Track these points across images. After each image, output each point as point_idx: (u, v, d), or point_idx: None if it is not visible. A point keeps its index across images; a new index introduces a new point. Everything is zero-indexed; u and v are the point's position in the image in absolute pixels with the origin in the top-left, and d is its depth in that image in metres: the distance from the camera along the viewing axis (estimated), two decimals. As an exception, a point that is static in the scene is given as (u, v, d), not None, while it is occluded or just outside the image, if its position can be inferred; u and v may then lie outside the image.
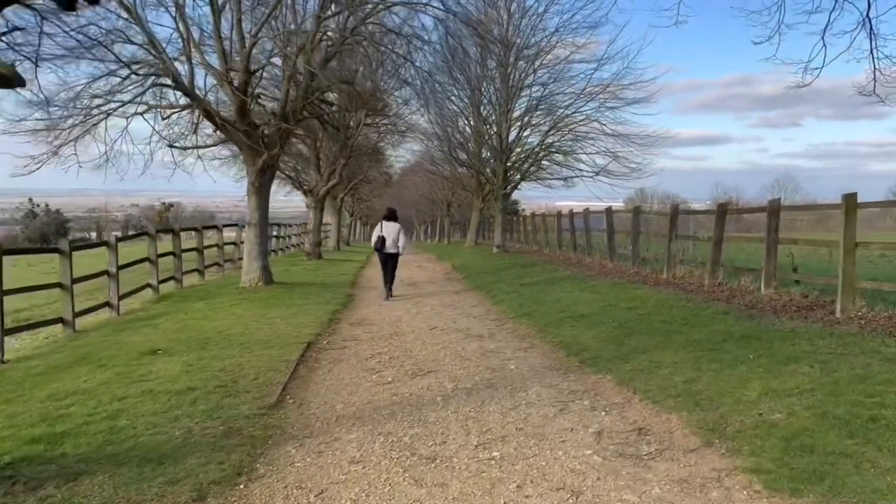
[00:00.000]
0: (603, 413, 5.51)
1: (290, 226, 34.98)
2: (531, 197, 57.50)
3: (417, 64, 15.90)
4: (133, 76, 11.88)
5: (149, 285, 14.34)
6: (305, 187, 26.30)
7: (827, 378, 5.67)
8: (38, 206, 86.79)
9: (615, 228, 18.43)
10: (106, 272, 12.28)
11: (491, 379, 6.72)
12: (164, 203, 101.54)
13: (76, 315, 10.86)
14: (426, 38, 15.68)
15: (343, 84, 15.54)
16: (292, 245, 33.25)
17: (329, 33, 14.75)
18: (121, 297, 12.68)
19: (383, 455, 4.68)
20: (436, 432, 5.14)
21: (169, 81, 12.58)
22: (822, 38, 8.32)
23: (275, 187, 33.61)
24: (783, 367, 6.16)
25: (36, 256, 28.33)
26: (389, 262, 13.92)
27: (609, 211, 18.10)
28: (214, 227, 21.33)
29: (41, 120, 11.47)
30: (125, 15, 12.05)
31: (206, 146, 14.17)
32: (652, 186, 36.51)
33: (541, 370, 7.08)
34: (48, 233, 71.44)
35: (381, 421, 5.45)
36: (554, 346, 8.23)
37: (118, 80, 11.82)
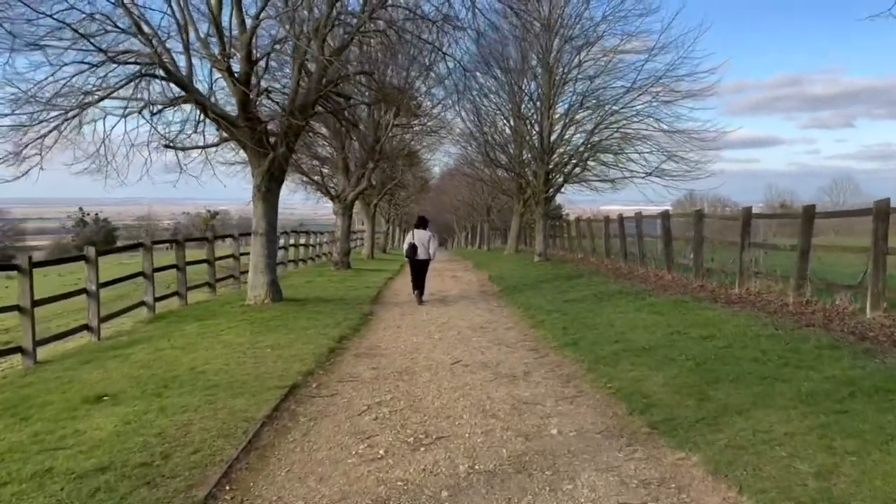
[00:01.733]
0: (696, 534, 3.51)
1: (321, 233, 33.42)
2: (575, 201, 54.98)
3: (450, 54, 14.00)
4: (111, 64, 10.26)
5: (143, 303, 12.76)
6: (333, 192, 24.63)
7: None
8: (87, 215, 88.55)
9: (673, 235, 16.25)
10: (84, 290, 10.71)
11: (523, 455, 4.76)
12: (209, 211, 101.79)
13: (40, 343, 9.28)
14: (458, 23, 13.74)
15: (362, 75, 13.77)
16: (323, 254, 31.68)
17: (343, 17, 13.00)
18: (105, 319, 11.13)
19: None
20: (430, 571, 3.22)
21: (158, 72, 10.96)
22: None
23: (305, 194, 32.21)
24: (965, 449, 4.07)
25: (78, 264, 26.78)
26: (421, 268, 14.24)
27: (666, 215, 15.92)
28: (230, 235, 19.76)
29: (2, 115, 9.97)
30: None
31: (208, 146, 12.52)
32: (707, 189, 33.55)
33: (594, 438, 5.09)
34: (96, 241, 72.59)
35: (351, 541, 3.55)
36: (610, 395, 6.21)
37: (94, 69, 10.21)
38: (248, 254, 19.86)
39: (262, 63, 12.29)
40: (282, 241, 24.01)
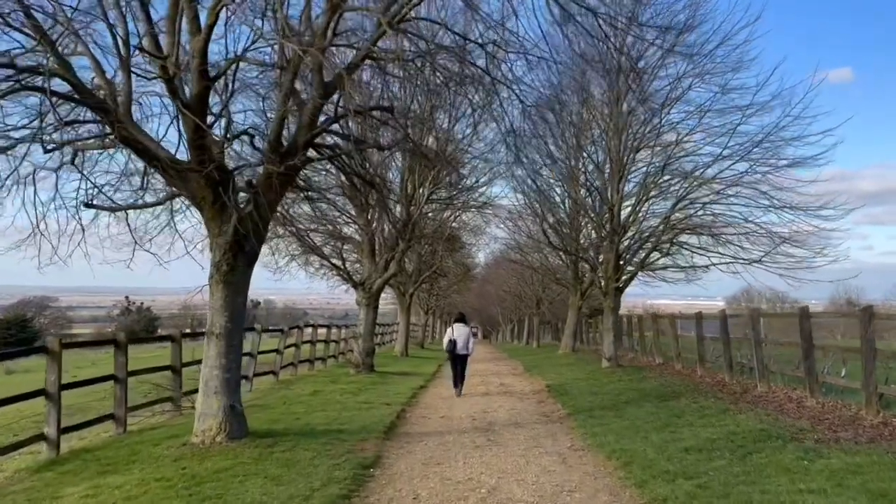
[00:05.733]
0: None
1: (346, 326, 29.09)
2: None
3: (502, 81, 9.89)
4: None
5: (42, 437, 8.51)
6: (356, 279, 20.50)
7: None
8: (133, 304, 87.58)
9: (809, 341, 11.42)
10: None
11: None
12: (252, 301, 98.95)
13: None
14: (515, 47, 9.70)
15: (378, 111, 9.85)
16: (349, 350, 27.15)
17: (352, 28, 9.21)
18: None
19: None
20: None
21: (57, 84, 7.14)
22: None
23: (331, 282, 27.76)
24: None
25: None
26: (460, 363, 14.98)
27: (806, 314, 11.15)
28: (201, 333, 15.57)
29: None
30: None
31: (145, 206, 8.59)
32: (838, 280, 24.61)
33: None
34: (137, 330, 71.06)
35: None
36: None
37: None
38: (248, 354, 15.63)
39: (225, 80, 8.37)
40: (293, 338, 19.90)
